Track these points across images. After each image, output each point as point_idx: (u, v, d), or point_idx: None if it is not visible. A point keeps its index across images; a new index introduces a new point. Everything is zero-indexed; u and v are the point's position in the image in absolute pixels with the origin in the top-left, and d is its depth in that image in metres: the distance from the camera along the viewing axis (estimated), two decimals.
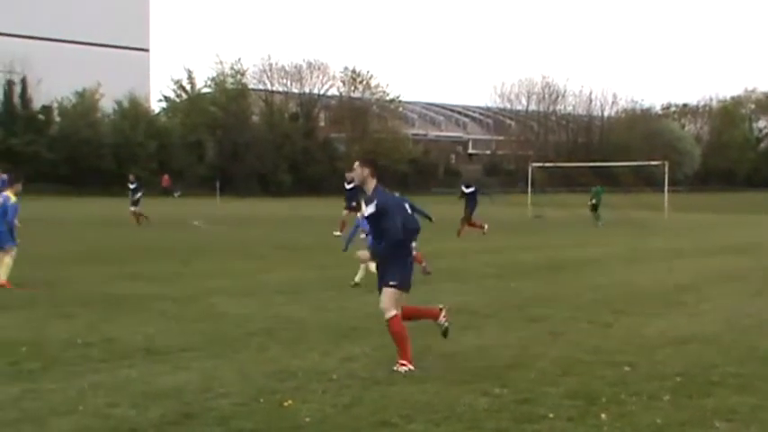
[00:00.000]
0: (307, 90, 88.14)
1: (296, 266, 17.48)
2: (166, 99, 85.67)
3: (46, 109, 74.94)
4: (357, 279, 14.13)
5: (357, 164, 8.03)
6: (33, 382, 7.27)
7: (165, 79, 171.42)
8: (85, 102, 75.86)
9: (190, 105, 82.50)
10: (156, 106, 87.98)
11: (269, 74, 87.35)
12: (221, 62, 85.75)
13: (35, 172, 67.84)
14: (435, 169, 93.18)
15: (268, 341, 9.27)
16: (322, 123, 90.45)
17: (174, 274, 15.61)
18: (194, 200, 58.33)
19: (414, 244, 8.35)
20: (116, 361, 8.17)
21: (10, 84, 73.93)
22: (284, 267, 17.37)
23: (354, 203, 24.93)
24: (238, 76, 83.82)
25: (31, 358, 8.17)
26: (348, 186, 25.98)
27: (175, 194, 67.56)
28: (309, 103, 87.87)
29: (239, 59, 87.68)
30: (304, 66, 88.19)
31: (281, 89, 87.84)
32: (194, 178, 77.14)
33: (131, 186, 32.61)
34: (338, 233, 25.05)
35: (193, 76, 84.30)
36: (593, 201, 35.88)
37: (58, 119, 75.95)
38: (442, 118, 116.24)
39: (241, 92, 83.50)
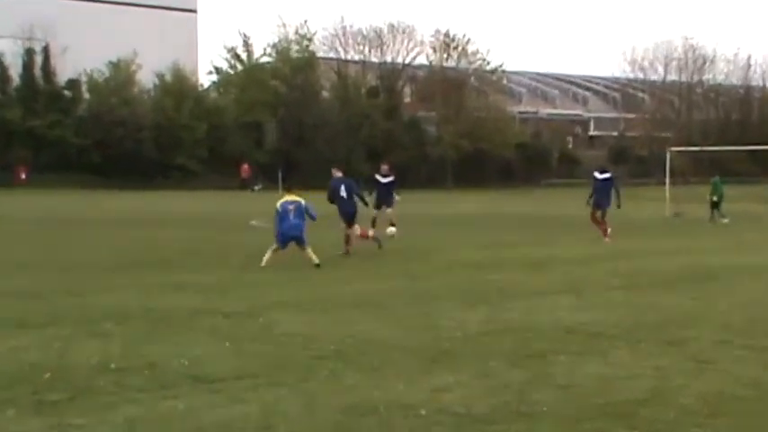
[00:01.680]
0: (389, 59, 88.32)
1: (377, 275, 17.54)
2: (218, 71, 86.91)
3: (72, 83, 76.38)
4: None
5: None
6: (58, 416, 7.44)
7: (217, 47, 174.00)
8: (120, 74, 77.16)
9: (246, 78, 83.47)
10: (206, 80, 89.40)
11: (342, 40, 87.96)
12: (284, 25, 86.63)
13: (60, 160, 69.81)
14: (547, 156, 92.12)
15: (342, 367, 9.31)
16: (407, 99, 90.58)
17: (228, 285, 15.84)
18: (251, 194, 59.18)
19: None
20: (157, 391, 8.31)
21: (30, 53, 75.58)
22: (362, 276, 17.44)
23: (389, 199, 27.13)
24: (305, 43, 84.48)
25: (56, 387, 8.37)
26: (384, 180, 27.61)
27: (255, 188, 68.73)
28: (392, 74, 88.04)
29: (306, 22, 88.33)
30: (385, 29, 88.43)
31: (356, 58, 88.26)
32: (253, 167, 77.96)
33: None
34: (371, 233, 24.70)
35: (250, 42, 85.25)
36: (714, 197, 36.05)
37: (86, 95, 77.45)
38: (556, 92, 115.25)
39: (308, 61, 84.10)
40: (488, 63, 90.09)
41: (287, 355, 9.88)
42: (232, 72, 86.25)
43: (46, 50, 75.69)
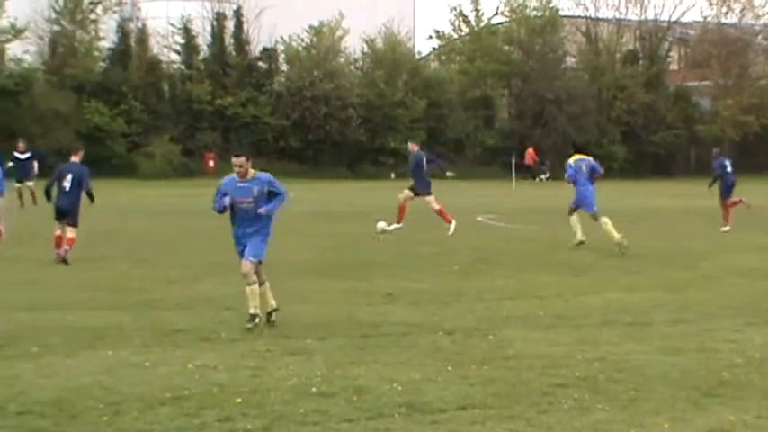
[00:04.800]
0: (651, 16, 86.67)
1: (630, 285, 17.27)
2: (439, 36, 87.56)
3: (268, 53, 78.25)
4: None
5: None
6: None
7: (438, 7, 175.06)
8: (323, 42, 78.40)
9: (474, 45, 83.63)
10: (424, 47, 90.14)
11: None
12: None
13: (255, 143, 71.76)
14: None
15: (590, 397, 9.21)
16: (674, 66, 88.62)
17: (449, 294, 15.93)
18: (478, 184, 59.31)
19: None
20: (365, 421, 8.45)
21: (220, 18, 77.97)
22: (612, 285, 17.21)
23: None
24: (545, 0, 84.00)
25: (249, 413, 8.64)
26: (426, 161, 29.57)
27: (542, 177, 69.27)
28: (655, 35, 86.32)
29: None
30: None
31: (610, 16, 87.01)
32: (479, 151, 78.13)
33: (21, 157, 36.55)
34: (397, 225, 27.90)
35: (479, 0, 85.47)
36: None
37: (284, 67, 79.27)
38: None
39: (550, 21, 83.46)
40: None
41: (522, 382, 9.86)
42: (456, 37, 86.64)
43: (238, 14, 77.71)
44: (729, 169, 30.34)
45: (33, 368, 10.33)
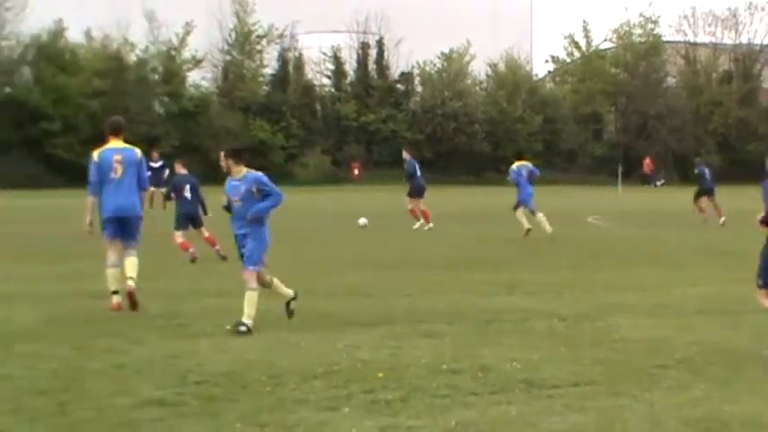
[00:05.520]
0: (744, 40, 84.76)
1: (726, 278, 16.91)
2: (554, 60, 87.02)
3: (405, 76, 79.10)
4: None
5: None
6: (393, 417, 7.73)
7: (553, 35, 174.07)
8: (452, 66, 78.92)
9: (584, 67, 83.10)
10: (541, 70, 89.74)
11: (691, 21, 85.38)
12: (626, 9, 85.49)
13: (392, 155, 72.38)
14: None
15: (688, 377, 9.06)
16: (766, 85, 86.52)
17: (563, 286, 15.81)
18: (588, 189, 58.77)
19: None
20: (490, 395, 8.44)
21: (364, 47, 79.03)
22: (709, 278, 16.89)
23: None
24: (650, 26, 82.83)
25: (389, 386, 8.70)
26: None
27: (657, 183, 68.65)
28: (749, 57, 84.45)
29: (651, 4, 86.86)
30: (741, 8, 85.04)
31: (707, 41, 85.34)
32: (588, 160, 77.53)
33: (154, 165, 36.33)
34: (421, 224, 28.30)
35: (589, 28, 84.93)
36: None
37: (419, 88, 79.92)
38: None
39: (653, 46, 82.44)
40: None
41: (627, 363, 9.74)
42: (569, 60, 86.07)
43: (380, 44, 78.85)
44: None
45: (210, 344, 10.55)
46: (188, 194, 20.37)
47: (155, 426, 7.46)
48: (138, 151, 13.79)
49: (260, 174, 12.15)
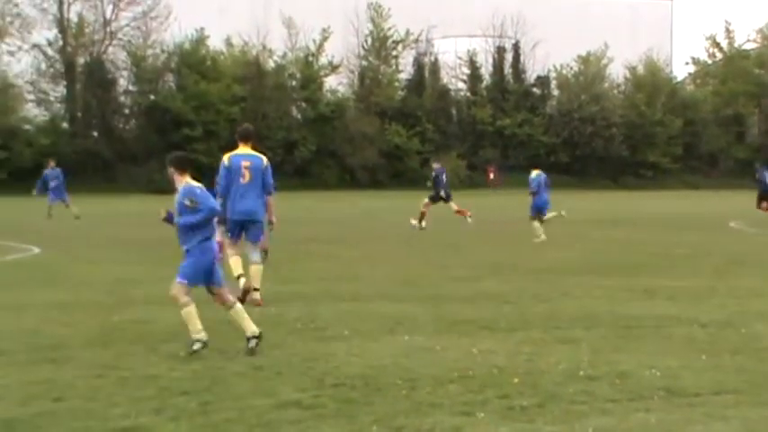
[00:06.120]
0: None
1: None
2: (695, 62, 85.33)
3: (541, 80, 78.79)
4: None
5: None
6: (528, 423, 7.69)
7: (694, 36, 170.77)
8: (590, 69, 78.30)
9: (726, 68, 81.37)
10: (680, 72, 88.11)
11: None
12: None
13: (528, 159, 72.04)
14: None
15: None
16: None
17: (704, 292, 15.49)
18: (730, 193, 57.39)
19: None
20: (628, 402, 8.32)
21: (500, 51, 78.98)
22: None
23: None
24: None
25: (525, 392, 8.64)
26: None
27: None
28: None
29: None
30: None
31: None
32: (731, 164, 75.84)
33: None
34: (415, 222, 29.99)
35: (732, 29, 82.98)
36: None
37: (555, 92, 79.49)
38: None
39: None
40: None
41: None
42: (710, 62, 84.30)
43: (516, 47, 78.76)
44: None
45: (346, 348, 10.65)
46: None
47: (293, 427, 7.57)
48: (264, 158, 14.40)
49: (194, 185, 10.89)
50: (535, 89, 78.98)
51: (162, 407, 8.13)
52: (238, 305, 10.88)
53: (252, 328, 10.56)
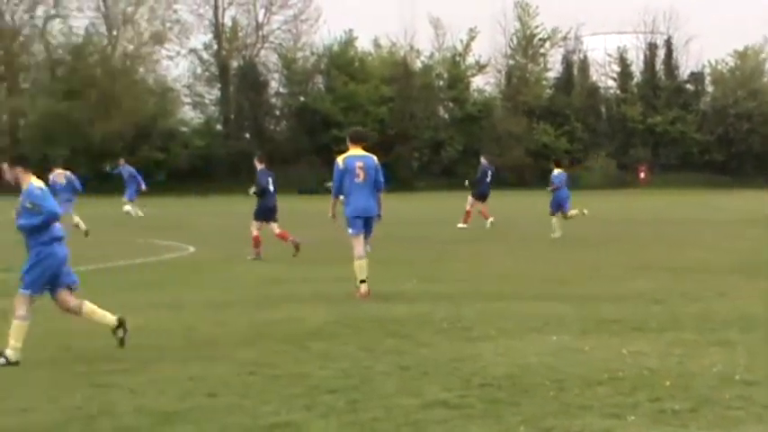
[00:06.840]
0: None
1: None
2: None
3: (695, 76, 77.13)
4: None
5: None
6: (681, 427, 7.48)
7: None
8: (747, 64, 76.23)
9: None
10: None
11: None
12: None
13: (680, 157, 70.62)
14: None
15: None
16: None
17: None
18: None
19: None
20: None
21: (651, 48, 77.67)
22: None
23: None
24: None
25: (677, 396, 8.42)
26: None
27: None
28: None
29: None
30: None
31: None
32: None
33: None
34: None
35: None
36: None
37: (709, 88, 77.73)
38: None
39: None
40: None
41: None
42: None
43: (668, 44, 77.37)
44: None
45: (492, 348, 10.59)
46: (271, 187, 21.52)
47: (440, 427, 7.55)
48: (374, 158, 15.26)
49: (35, 186, 10.28)
50: (688, 85, 77.36)
51: (311, 404, 8.21)
52: (86, 304, 10.54)
53: (112, 319, 10.51)
